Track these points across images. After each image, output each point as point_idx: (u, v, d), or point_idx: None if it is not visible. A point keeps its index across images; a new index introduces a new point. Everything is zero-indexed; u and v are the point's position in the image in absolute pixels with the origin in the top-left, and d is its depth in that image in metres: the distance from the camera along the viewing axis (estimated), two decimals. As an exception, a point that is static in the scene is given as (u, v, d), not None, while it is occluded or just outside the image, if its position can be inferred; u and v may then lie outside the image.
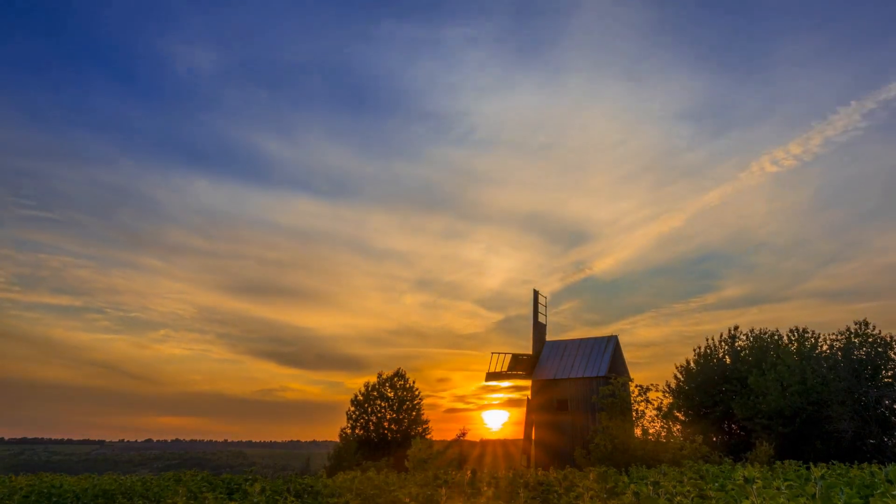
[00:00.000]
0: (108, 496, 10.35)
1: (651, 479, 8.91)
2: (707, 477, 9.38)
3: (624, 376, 24.65)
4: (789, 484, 5.46)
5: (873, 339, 23.82)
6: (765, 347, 28.91)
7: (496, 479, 10.87)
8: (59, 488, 10.59)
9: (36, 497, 9.97)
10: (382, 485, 9.96)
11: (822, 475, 5.89)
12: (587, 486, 8.19)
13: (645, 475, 10.94)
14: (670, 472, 10.57)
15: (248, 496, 8.54)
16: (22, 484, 10.97)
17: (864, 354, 23.67)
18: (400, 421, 32.14)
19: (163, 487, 10.61)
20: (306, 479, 11.14)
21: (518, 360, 28.10)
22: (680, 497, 6.03)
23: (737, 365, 28.92)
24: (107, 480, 12.03)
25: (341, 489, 9.94)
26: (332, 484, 10.85)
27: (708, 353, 31.02)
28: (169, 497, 9.13)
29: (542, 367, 27.81)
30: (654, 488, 7.41)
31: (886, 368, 23.36)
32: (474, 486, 10.31)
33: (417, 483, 9.96)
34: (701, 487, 6.99)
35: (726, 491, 5.97)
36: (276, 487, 9.58)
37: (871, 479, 7.31)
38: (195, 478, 11.68)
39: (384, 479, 10.64)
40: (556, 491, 9.77)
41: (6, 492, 10.16)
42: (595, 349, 27.21)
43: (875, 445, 22.33)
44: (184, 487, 9.98)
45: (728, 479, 7.59)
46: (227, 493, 9.75)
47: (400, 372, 34.00)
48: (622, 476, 10.93)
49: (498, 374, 27.67)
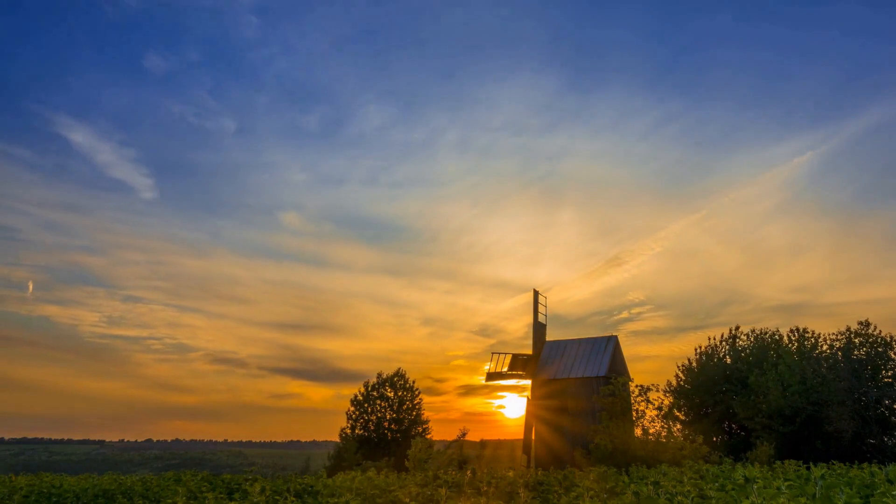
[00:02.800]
0: (108, 496, 10.34)
1: (651, 479, 8.91)
2: (707, 477, 9.37)
3: (624, 376, 24.64)
4: (789, 484, 5.45)
5: (873, 339, 23.83)
6: (765, 347, 28.93)
7: (496, 479, 10.86)
8: (59, 488, 10.59)
9: (36, 497, 9.97)
10: (382, 485, 9.95)
11: (822, 475, 5.88)
12: (587, 486, 8.19)
13: (645, 475, 10.93)
14: (670, 472, 10.57)
15: (248, 496, 8.54)
16: (22, 484, 10.96)
17: (864, 354, 23.68)
18: (400, 421, 32.15)
19: (163, 487, 10.60)
20: (306, 479, 11.13)
21: (518, 360, 28.10)
22: (680, 497, 6.03)
23: (737, 364, 28.93)
24: (107, 480, 12.02)
25: (341, 489, 9.93)
26: (332, 484, 10.84)
27: (709, 353, 31.06)
28: (169, 497, 9.12)
29: (543, 367, 27.81)
30: (654, 488, 7.41)
31: (886, 368, 23.37)
32: (474, 486, 10.31)
33: (417, 483, 9.95)
34: (701, 487, 6.99)
35: (726, 491, 5.96)
36: (276, 487, 9.57)
37: (871, 479, 7.31)
38: (195, 478, 11.67)
39: (384, 479, 10.63)
40: (556, 491, 9.77)
41: (6, 492, 10.15)
42: (595, 349, 27.20)
43: (875, 445, 22.33)
44: (184, 487, 9.97)
45: (728, 479, 7.59)
46: (227, 493, 9.74)
47: (400, 372, 33.98)
48: (622, 476, 10.92)
49: (498, 374, 27.67)
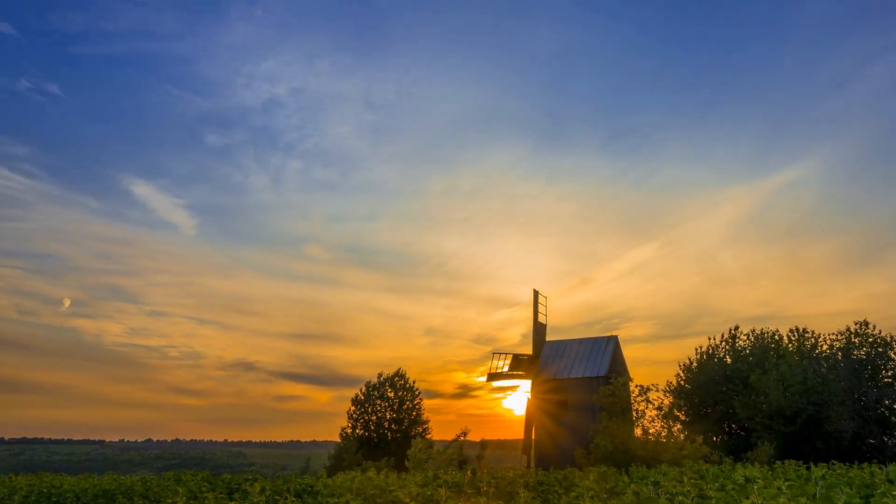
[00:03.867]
0: (108, 496, 10.33)
1: (651, 479, 8.89)
2: (707, 477, 9.36)
3: (624, 376, 24.64)
4: (790, 484, 5.45)
5: (873, 339, 23.82)
6: (765, 347, 28.93)
7: (496, 479, 10.86)
8: (59, 488, 10.58)
9: (36, 497, 9.96)
10: (382, 485, 9.94)
11: (823, 475, 5.88)
12: (587, 486, 8.18)
13: (645, 475, 10.92)
14: (670, 472, 10.56)
15: (248, 496, 8.53)
16: (22, 484, 10.95)
17: (864, 354, 23.67)
18: (400, 421, 32.15)
19: (163, 487, 10.59)
20: (306, 479, 11.13)
21: (519, 360, 28.11)
22: (680, 497, 6.02)
23: (738, 364, 28.93)
24: (107, 480, 12.01)
25: (341, 489, 9.93)
26: (332, 484, 10.83)
27: (709, 353, 31.05)
28: (169, 497, 9.12)
29: (543, 367, 27.80)
30: (654, 488, 7.40)
31: (886, 368, 23.36)
32: (474, 486, 10.30)
33: (417, 483, 9.94)
34: (701, 487, 6.98)
35: (726, 491, 5.95)
36: (276, 487, 9.57)
37: (871, 479, 7.30)
38: (195, 478, 11.67)
39: (384, 479, 10.63)
40: (556, 491, 9.77)
41: (6, 492, 10.15)
42: (595, 349, 27.20)
43: (875, 445, 22.33)
44: (184, 487, 9.96)
45: (728, 479, 7.58)
46: (227, 493, 9.73)
47: (400, 372, 33.97)
48: (622, 476, 10.91)
49: (499, 375, 27.69)
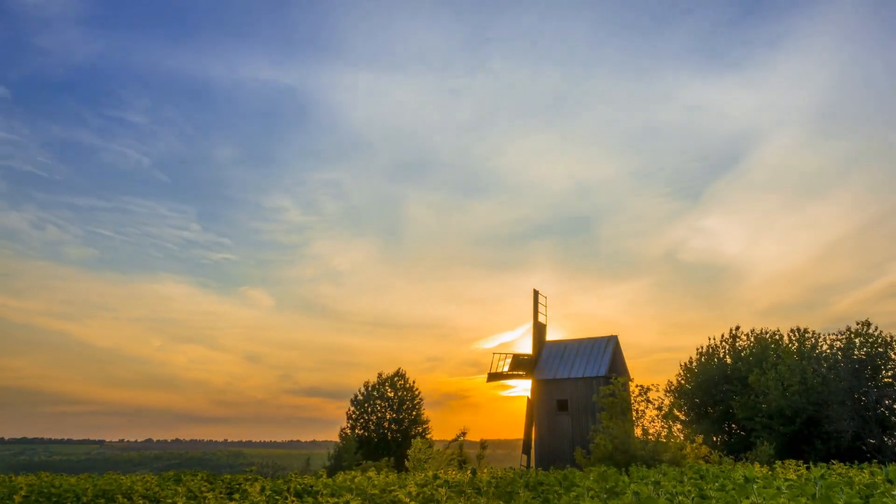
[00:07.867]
0: (108, 496, 10.32)
1: (651, 479, 8.90)
2: (707, 477, 9.35)
3: (624, 376, 24.64)
4: (789, 484, 5.45)
5: (873, 339, 23.81)
6: (765, 347, 28.93)
7: (496, 479, 10.85)
8: (59, 488, 10.58)
9: (36, 497, 9.95)
10: (382, 485, 9.94)
11: (822, 475, 5.88)
12: (587, 485, 8.18)
13: (645, 475, 10.92)
14: (670, 472, 10.55)
15: (248, 496, 8.54)
16: (22, 484, 10.95)
17: (864, 354, 23.66)
18: (400, 421, 32.15)
19: (163, 487, 10.59)
20: (306, 479, 11.13)
21: (519, 360, 28.11)
22: (680, 497, 6.02)
23: (737, 364, 28.94)
24: (107, 480, 12.01)
25: (341, 489, 9.92)
26: (332, 484, 10.83)
27: (709, 353, 31.05)
28: (169, 497, 9.12)
29: (543, 367, 27.81)
30: (654, 488, 7.40)
31: (886, 368, 23.35)
32: (474, 486, 10.30)
33: (417, 483, 9.94)
34: (701, 487, 6.98)
35: (726, 491, 5.95)
36: (276, 487, 9.57)
37: (871, 479, 7.30)
38: (195, 478, 11.67)
39: (384, 479, 10.63)
40: (556, 491, 9.76)
41: (6, 492, 10.14)
42: (595, 349, 27.20)
43: (875, 445, 22.32)
44: (184, 487, 9.97)
45: (728, 479, 7.58)
46: (227, 493, 9.73)
47: (400, 372, 33.96)
48: (622, 476, 10.90)
49: (499, 375, 27.69)
